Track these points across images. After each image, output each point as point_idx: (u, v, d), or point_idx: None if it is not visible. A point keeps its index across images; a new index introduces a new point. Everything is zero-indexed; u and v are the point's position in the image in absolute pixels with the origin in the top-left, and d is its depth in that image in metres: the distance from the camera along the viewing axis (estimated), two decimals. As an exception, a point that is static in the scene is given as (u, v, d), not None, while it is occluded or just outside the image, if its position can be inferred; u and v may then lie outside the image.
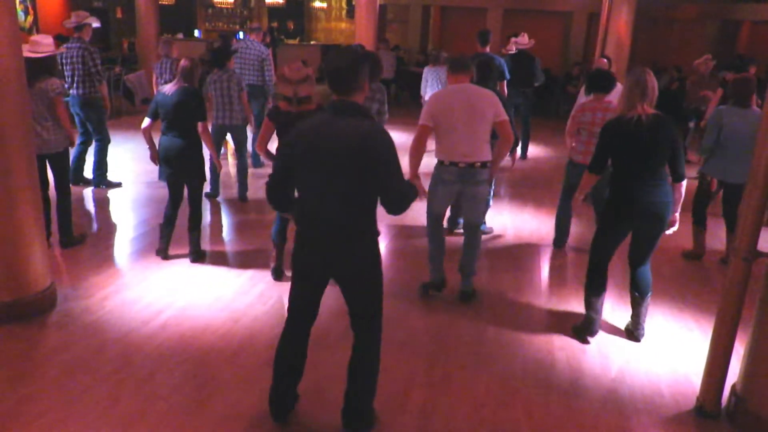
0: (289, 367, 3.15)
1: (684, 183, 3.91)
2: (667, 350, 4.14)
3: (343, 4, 21.26)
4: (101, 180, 7.22)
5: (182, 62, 5.00)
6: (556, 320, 4.47)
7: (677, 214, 3.99)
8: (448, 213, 5.95)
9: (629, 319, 4.30)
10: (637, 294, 4.16)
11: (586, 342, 4.17)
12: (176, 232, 5.26)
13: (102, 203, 6.78)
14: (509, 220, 6.73)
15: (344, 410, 3.12)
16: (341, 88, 2.80)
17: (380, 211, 2.92)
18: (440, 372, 3.75)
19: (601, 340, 4.21)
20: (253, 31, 8.64)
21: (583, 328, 4.23)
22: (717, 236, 6.27)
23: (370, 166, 2.73)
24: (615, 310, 4.64)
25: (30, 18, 14.61)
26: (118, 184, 7.26)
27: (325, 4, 21.41)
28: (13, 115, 3.94)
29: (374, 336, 3.08)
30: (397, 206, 2.87)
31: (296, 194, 3.03)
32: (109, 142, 7.22)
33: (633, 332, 4.24)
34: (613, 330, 4.35)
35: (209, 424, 3.19)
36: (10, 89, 3.90)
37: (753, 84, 5.33)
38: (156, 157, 5.14)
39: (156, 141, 5.12)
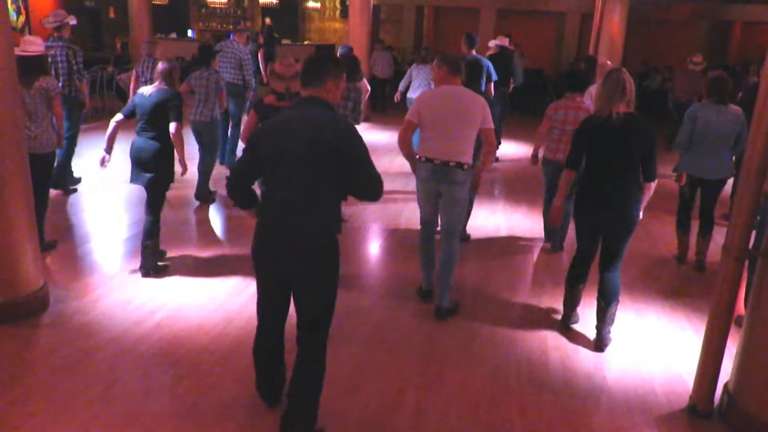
0: (266, 363, 3.20)
1: (654, 183, 3.94)
2: (659, 350, 4.16)
3: (337, 4, 21.23)
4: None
5: (160, 66, 4.91)
6: (550, 320, 4.48)
7: (641, 212, 4.01)
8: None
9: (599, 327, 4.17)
10: (602, 302, 4.06)
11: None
12: (166, 232, 5.25)
13: (93, 203, 6.75)
14: (503, 220, 6.74)
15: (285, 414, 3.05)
16: (309, 80, 2.92)
17: (379, 208, 2.93)
18: (434, 372, 3.75)
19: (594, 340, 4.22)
20: (237, 32, 9.00)
21: (563, 321, 4.41)
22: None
23: (338, 154, 2.79)
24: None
25: (22, 18, 14.53)
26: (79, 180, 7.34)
27: (318, 4, 21.36)
28: (5, 115, 3.91)
29: (321, 346, 3.00)
30: (368, 192, 2.92)
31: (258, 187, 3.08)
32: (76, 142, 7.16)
33: (597, 343, 4.11)
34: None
35: (203, 424, 3.17)
36: (3, 89, 3.88)
37: (729, 82, 5.34)
38: (110, 149, 5.01)
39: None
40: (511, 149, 10.59)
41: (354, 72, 6.22)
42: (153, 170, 4.84)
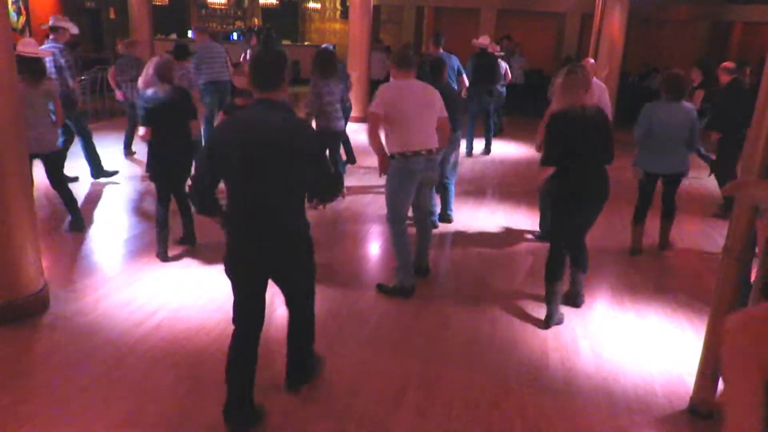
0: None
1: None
2: (660, 350, 4.15)
3: (337, 5, 21.22)
4: (98, 171, 7.48)
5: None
6: (550, 320, 4.48)
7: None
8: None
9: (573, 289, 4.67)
10: (580, 271, 4.59)
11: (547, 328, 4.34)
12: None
13: (94, 203, 6.75)
14: (503, 220, 6.74)
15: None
16: (263, 84, 2.89)
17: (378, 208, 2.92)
18: (434, 372, 3.75)
19: (594, 340, 4.22)
20: (197, 30, 9.65)
21: (548, 319, 4.38)
22: (685, 231, 6.30)
23: (303, 155, 2.89)
24: (610, 311, 4.65)
25: (22, 18, 14.55)
26: (115, 172, 7.61)
27: (318, 5, 21.36)
28: (5, 115, 3.91)
29: (313, 311, 3.40)
30: (328, 192, 3.29)
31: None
32: (91, 134, 7.42)
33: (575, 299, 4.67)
34: (606, 331, 4.36)
35: (203, 426, 3.17)
36: (3, 89, 3.88)
37: (683, 80, 5.54)
38: None
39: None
40: (510, 149, 10.59)
41: (333, 70, 6.42)
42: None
